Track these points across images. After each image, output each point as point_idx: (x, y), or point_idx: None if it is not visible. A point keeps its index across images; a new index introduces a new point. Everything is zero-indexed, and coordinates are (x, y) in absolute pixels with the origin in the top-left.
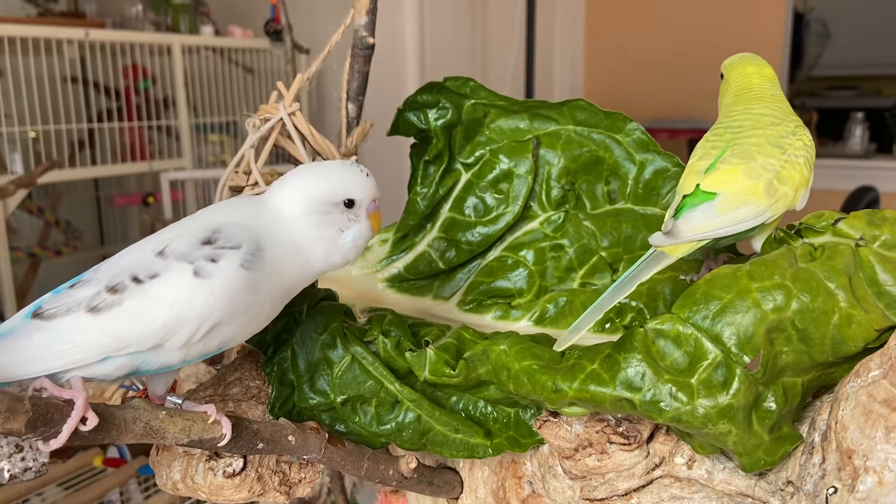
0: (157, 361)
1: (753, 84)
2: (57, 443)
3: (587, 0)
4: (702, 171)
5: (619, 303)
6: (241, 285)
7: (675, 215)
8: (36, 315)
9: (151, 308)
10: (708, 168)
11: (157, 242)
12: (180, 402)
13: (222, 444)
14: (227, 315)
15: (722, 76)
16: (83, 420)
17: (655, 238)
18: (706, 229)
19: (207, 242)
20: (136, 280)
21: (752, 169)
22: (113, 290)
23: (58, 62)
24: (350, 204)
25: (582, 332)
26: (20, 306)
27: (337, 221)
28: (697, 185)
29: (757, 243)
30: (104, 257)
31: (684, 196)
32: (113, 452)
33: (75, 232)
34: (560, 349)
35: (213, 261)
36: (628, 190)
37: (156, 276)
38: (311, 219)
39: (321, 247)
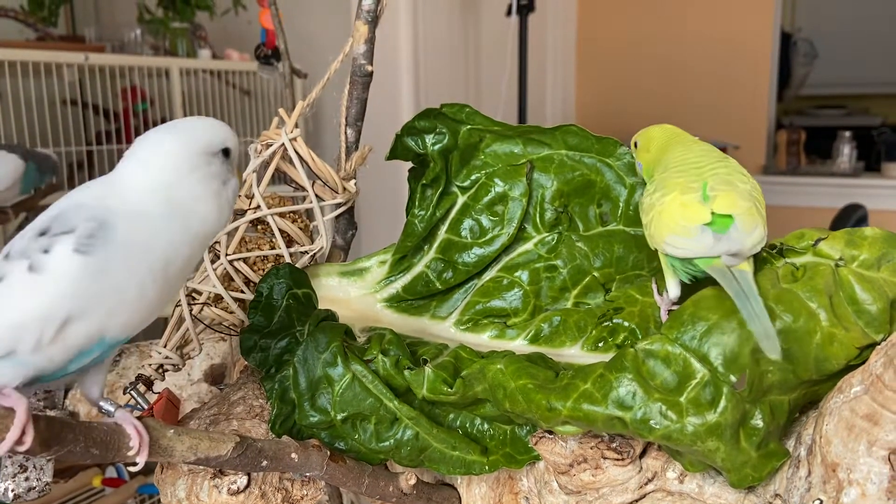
0: (32, 366)
1: (677, 133)
2: None
3: (578, 26)
4: (699, 201)
5: (612, 322)
6: (80, 272)
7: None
8: None
9: None
10: (703, 198)
11: (8, 245)
12: (113, 409)
13: (131, 452)
14: (74, 307)
15: (636, 144)
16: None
17: (728, 260)
18: (755, 241)
19: (43, 233)
20: None
21: (741, 193)
22: None
23: (57, 85)
24: (227, 153)
25: (772, 337)
26: None
27: (219, 173)
28: (712, 212)
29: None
30: None
31: (704, 224)
32: (112, 472)
33: None
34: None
35: (45, 251)
36: (619, 212)
37: (1, 280)
38: (195, 173)
39: (206, 205)
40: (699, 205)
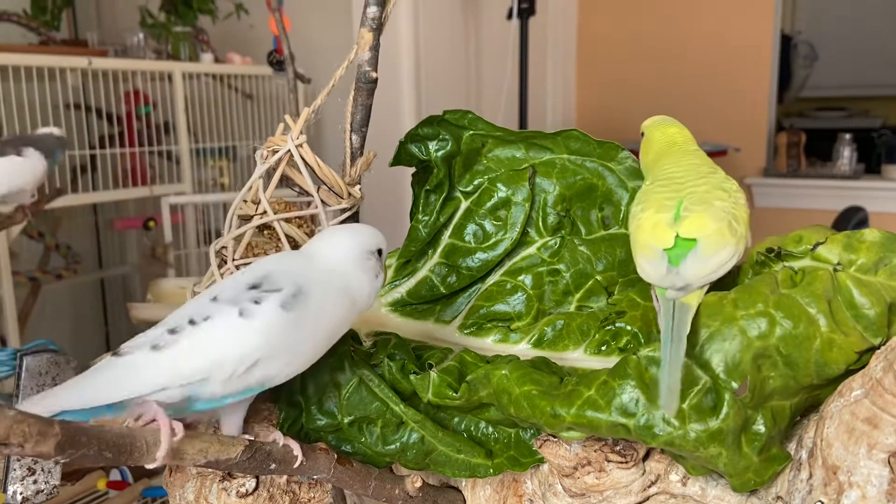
0: (206, 393)
1: (677, 141)
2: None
3: (578, 30)
4: (669, 222)
5: (615, 326)
6: (281, 324)
7: (673, 266)
8: (114, 354)
9: (201, 345)
10: (675, 218)
11: (214, 290)
12: (251, 438)
13: (296, 465)
14: (267, 352)
15: (643, 134)
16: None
17: (672, 293)
18: (707, 272)
19: (254, 287)
20: (192, 322)
21: (714, 213)
22: (173, 331)
23: (60, 89)
24: (380, 253)
25: (675, 393)
26: (23, 329)
27: (374, 268)
28: (677, 236)
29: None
30: (103, 280)
31: (665, 249)
32: (116, 475)
33: (75, 256)
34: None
35: (256, 302)
36: (622, 216)
37: (208, 319)
38: (361, 265)
39: (364, 288)
40: (667, 227)
